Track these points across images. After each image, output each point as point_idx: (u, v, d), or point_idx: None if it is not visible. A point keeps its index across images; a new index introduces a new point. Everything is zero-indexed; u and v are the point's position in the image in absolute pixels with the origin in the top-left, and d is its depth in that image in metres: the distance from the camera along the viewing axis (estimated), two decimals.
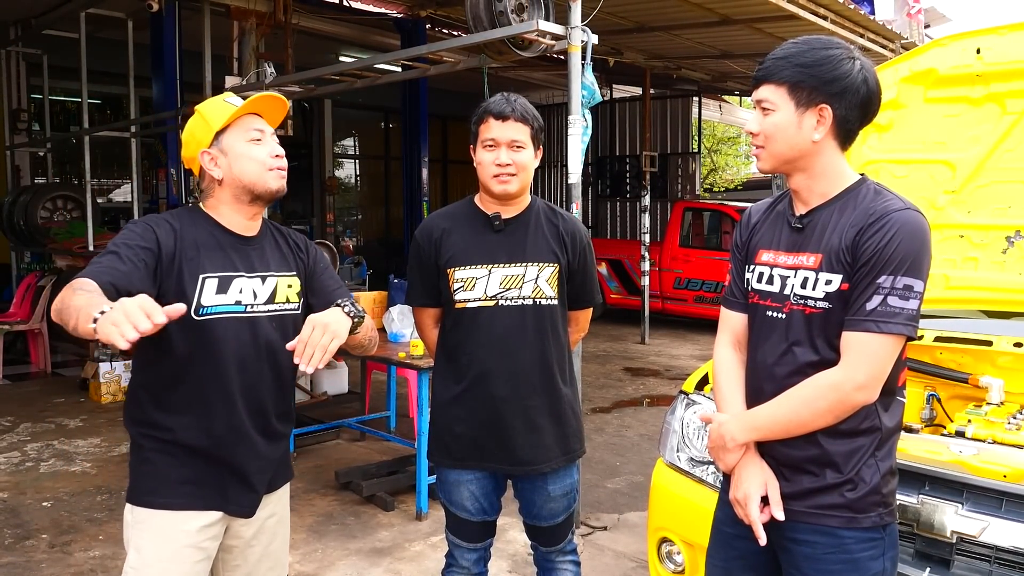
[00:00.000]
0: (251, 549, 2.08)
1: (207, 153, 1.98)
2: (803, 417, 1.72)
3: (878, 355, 1.67)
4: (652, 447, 5.68)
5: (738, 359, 1.95)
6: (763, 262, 1.87)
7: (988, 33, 2.91)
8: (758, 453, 1.82)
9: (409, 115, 9.89)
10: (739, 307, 1.96)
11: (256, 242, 2.06)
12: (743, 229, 1.98)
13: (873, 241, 1.67)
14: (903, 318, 1.66)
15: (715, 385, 1.98)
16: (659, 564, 2.73)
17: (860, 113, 1.75)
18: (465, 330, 2.39)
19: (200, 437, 1.93)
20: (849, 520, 1.72)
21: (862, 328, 1.67)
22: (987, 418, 2.35)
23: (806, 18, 6.80)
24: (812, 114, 1.73)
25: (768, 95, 1.77)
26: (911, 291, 1.66)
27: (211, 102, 2.06)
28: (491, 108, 2.36)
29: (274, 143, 2.03)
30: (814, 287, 1.74)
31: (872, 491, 1.73)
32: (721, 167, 21.14)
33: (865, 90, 1.73)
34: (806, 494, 1.76)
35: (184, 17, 7.38)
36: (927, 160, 3.04)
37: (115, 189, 11.79)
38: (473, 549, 2.51)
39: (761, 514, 1.77)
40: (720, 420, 1.86)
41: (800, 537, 1.77)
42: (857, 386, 1.67)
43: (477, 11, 4.36)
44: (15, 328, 7.99)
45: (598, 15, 4.46)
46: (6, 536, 4.07)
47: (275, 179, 2.00)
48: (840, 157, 1.80)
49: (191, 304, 1.89)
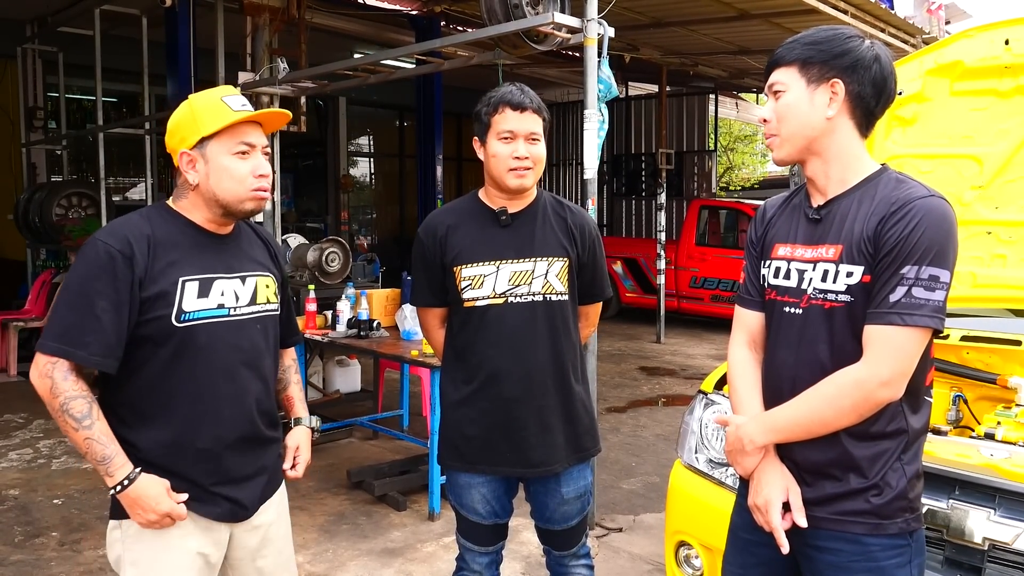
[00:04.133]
0: (263, 560, 2.00)
1: (187, 155, 1.85)
2: (825, 416, 1.64)
3: (903, 349, 1.59)
4: (668, 447, 5.61)
5: (754, 359, 1.88)
6: (779, 256, 1.80)
7: (1017, 23, 2.83)
8: (778, 457, 1.75)
9: (424, 113, 9.85)
10: (755, 305, 1.89)
11: (232, 240, 1.96)
12: (758, 225, 1.92)
13: (896, 230, 1.60)
14: (929, 309, 1.58)
15: (731, 387, 1.91)
16: (676, 568, 2.66)
17: (875, 91, 1.68)
18: (474, 329, 2.32)
19: (181, 454, 1.83)
20: (875, 527, 1.65)
21: (886, 321, 1.59)
22: (1017, 420, 2.27)
23: (826, 12, 6.71)
24: (824, 90, 1.68)
25: (779, 77, 1.73)
26: (937, 281, 1.58)
27: (206, 97, 1.89)
28: (507, 98, 2.26)
29: (261, 159, 1.90)
30: (835, 280, 1.67)
31: (898, 496, 1.65)
32: (738, 165, 21.02)
33: (878, 68, 1.68)
34: (829, 500, 1.68)
35: (198, 15, 7.37)
36: (953, 155, 2.96)
37: (131, 187, 11.83)
38: (484, 553, 2.45)
39: (783, 520, 1.70)
40: (737, 422, 1.79)
41: (823, 544, 1.70)
42: (882, 382, 1.59)
43: (492, 4, 4.31)
44: (30, 325, 8.01)
45: (614, 10, 4.40)
46: (16, 533, 4.05)
47: (252, 201, 1.88)
48: (858, 141, 1.73)
49: (171, 310, 1.80)
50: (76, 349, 1.73)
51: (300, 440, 2.15)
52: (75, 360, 1.74)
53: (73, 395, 1.73)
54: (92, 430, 1.73)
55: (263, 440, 1.98)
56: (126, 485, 1.75)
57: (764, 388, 1.82)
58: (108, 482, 1.75)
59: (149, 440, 1.82)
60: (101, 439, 1.74)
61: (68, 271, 1.95)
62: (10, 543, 3.94)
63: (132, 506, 1.77)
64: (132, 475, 1.76)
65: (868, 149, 1.74)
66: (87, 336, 1.73)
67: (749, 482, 1.78)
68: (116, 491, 1.75)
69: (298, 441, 2.15)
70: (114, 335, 1.75)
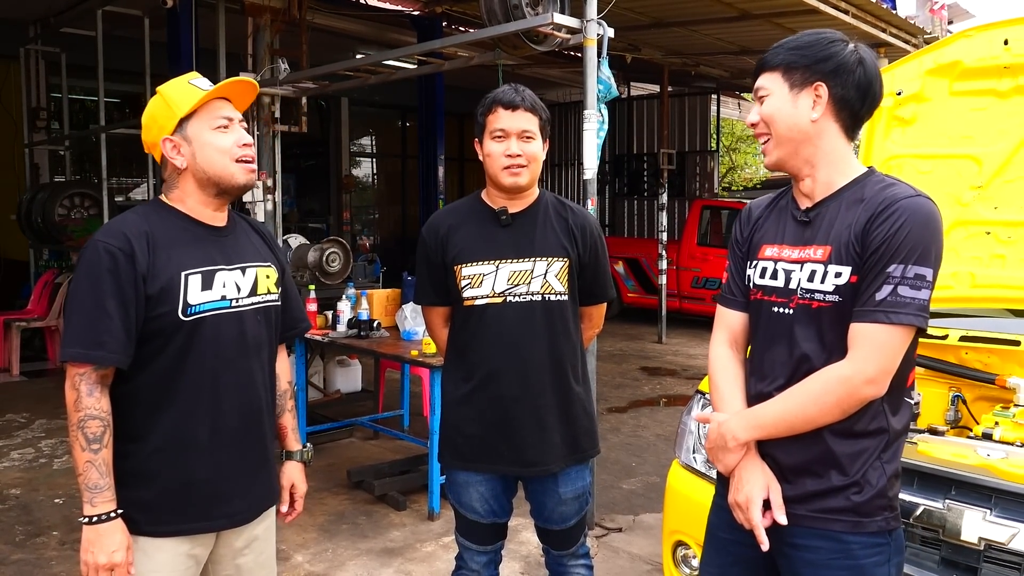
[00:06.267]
0: (243, 558, 1.99)
1: (169, 140, 1.86)
2: (810, 413, 1.65)
3: (888, 347, 1.61)
4: (668, 447, 5.61)
5: (735, 358, 1.90)
6: (766, 257, 1.81)
7: (1016, 23, 2.83)
8: (759, 454, 1.75)
9: (425, 113, 9.85)
10: (738, 305, 1.90)
11: (228, 232, 1.97)
12: (743, 225, 1.93)
13: (882, 229, 1.61)
14: (914, 308, 1.60)
15: (712, 385, 1.91)
16: (674, 567, 2.66)
17: (859, 94, 1.70)
18: (474, 328, 2.34)
19: (184, 446, 1.83)
20: (855, 524, 1.66)
21: (871, 319, 1.61)
22: (1015, 420, 2.27)
23: (827, 12, 6.69)
24: (808, 93, 1.70)
25: (763, 82, 1.76)
26: (923, 280, 1.60)
27: (175, 84, 1.92)
28: (500, 98, 2.30)
29: (242, 131, 1.92)
30: (823, 280, 1.68)
31: (878, 494, 1.67)
32: (740, 166, 20.98)
33: (862, 72, 1.69)
34: (809, 497, 1.69)
35: (200, 15, 7.38)
36: (952, 155, 2.96)
37: (133, 188, 11.84)
38: (483, 552, 2.45)
39: (763, 518, 1.71)
40: (720, 419, 1.79)
41: (801, 542, 1.70)
42: (867, 379, 1.61)
43: (491, 5, 4.32)
44: (32, 325, 8.03)
45: (614, 10, 4.40)
46: (17, 533, 4.06)
47: (242, 172, 1.90)
48: (845, 145, 1.74)
49: (178, 304, 1.81)
50: (93, 350, 1.73)
51: (295, 478, 2.15)
52: (95, 362, 1.74)
53: (92, 414, 1.74)
54: (97, 455, 1.74)
55: (264, 434, 1.99)
56: (102, 519, 1.74)
57: (750, 387, 1.82)
58: (86, 509, 1.75)
59: (154, 433, 1.83)
60: (101, 467, 1.75)
61: (72, 277, 1.95)
62: (11, 542, 3.95)
63: (92, 540, 1.75)
64: (112, 514, 1.76)
65: (868, 149, 1.76)
66: (102, 336, 1.74)
67: (729, 480, 1.79)
68: (90, 521, 1.74)
69: (292, 479, 2.14)
70: (126, 332, 1.76)
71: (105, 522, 1.75)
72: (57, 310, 7.93)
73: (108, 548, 1.74)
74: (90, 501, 1.75)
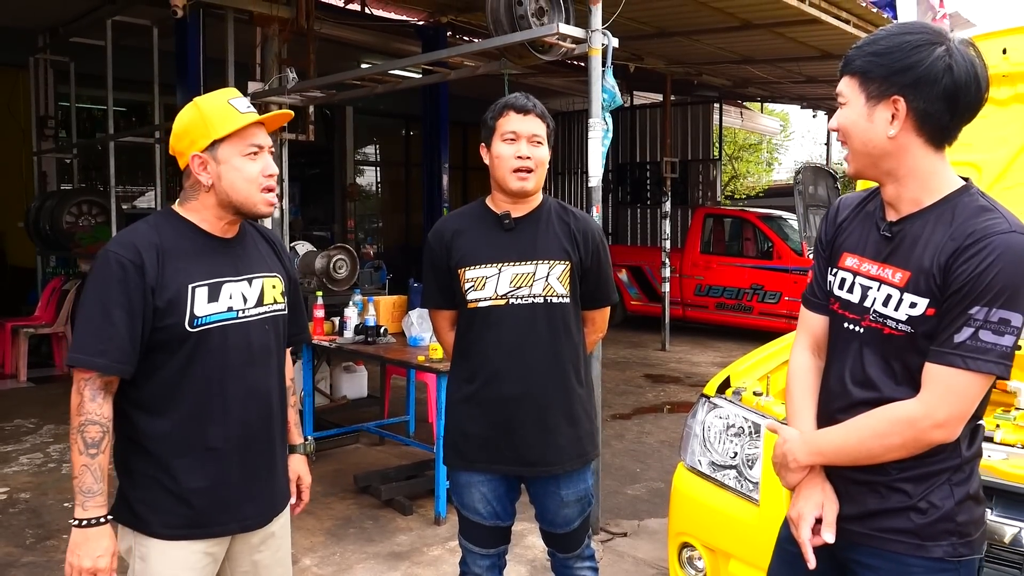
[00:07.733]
0: (259, 555, 2.03)
1: (199, 157, 1.88)
2: (872, 450, 1.58)
3: (963, 393, 1.51)
4: (673, 453, 5.63)
5: (814, 366, 1.80)
6: (847, 267, 1.70)
7: (1015, 33, 2.88)
8: (823, 474, 1.70)
9: (430, 122, 9.91)
10: (820, 308, 1.79)
11: (237, 242, 2.00)
12: (829, 225, 1.82)
13: (969, 266, 1.48)
14: (995, 355, 1.48)
15: (787, 393, 1.84)
16: (680, 569, 2.70)
17: (946, 106, 1.52)
18: (477, 330, 2.39)
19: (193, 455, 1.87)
20: (916, 547, 1.58)
21: (947, 362, 1.50)
22: (1016, 423, 2.30)
23: (828, 22, 6.74)
24: (885, 107, 1.55)
25: (842, 88, 1.62)
26: (1007, 326, 1.47)
27: (214, 101, 1.92)
28: (512, 102, 2.37)
29: (269, 159, 1.95)
30: (897, 307, 1.58)
31: (944, 518, 1.57)
32: (742, 174, 21.02)
33: (949, 80, 1.50)
34: (870, 515, 1.63)
35: (208, 25, 7.45)
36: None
37: (140, 196, 11.92)
38: (485, 555, 2.49)
39: (815, 536, 1.67)
40: (786, 437, 1.73)
41: (863, 560, 1.65)
42: (935, 423, 1.52)
43: (498, 15, 4.37)
44: (40, 331, 8.09)
45: (618, 20, 4.45)
46: (27, 536, 4.10)
47: (264, 204, 1.93)
48: (933, 158, 1.58)
49: (184, 316, 1.85)
50: (95, 358, 1.78)
51: (299, 470, 2.23)
52: (96, 369, 1.78)
53: (93, 419, 1.78)
54: (94, 460, 1.78)
55: (274, 440, 2.02)
56: (92, 524, 1.79)
57: (820, 400, 1.76)
58: (77, 512, 1.79)
59: (163, 439, 1.86)
60: (96, 473, 1.79)
61: (84, 285, 2.00)
62: (22, 545, 3.99)
63: (79, 543, 1.79)
64: (102, 519, 1.80)
65: None
66: (105, 344, 1.78)
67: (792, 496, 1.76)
68: (80, 524, 1.78)
69: (297, 471, 2.22)
70: (130, 342, 1.80)
71: (94, 526, 1.79)
72: (64, 317, 7.98)
73: (94, 553, 1.78)
74: (82, 504, 1.79)
